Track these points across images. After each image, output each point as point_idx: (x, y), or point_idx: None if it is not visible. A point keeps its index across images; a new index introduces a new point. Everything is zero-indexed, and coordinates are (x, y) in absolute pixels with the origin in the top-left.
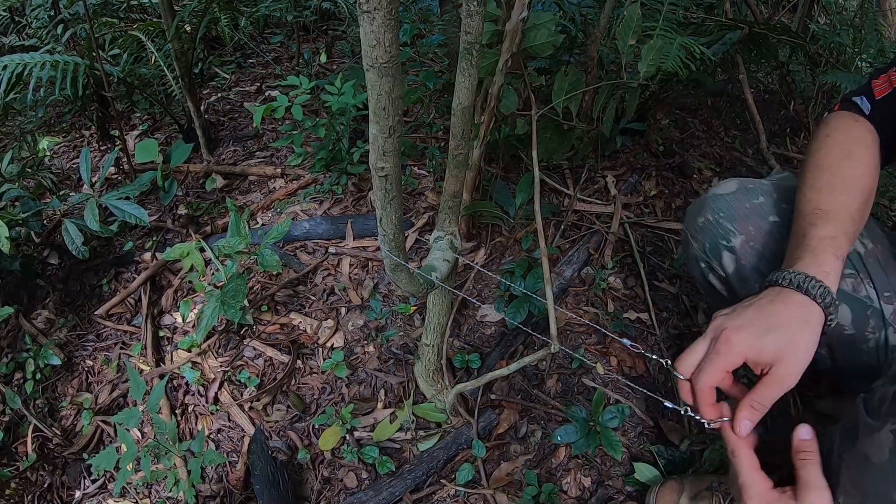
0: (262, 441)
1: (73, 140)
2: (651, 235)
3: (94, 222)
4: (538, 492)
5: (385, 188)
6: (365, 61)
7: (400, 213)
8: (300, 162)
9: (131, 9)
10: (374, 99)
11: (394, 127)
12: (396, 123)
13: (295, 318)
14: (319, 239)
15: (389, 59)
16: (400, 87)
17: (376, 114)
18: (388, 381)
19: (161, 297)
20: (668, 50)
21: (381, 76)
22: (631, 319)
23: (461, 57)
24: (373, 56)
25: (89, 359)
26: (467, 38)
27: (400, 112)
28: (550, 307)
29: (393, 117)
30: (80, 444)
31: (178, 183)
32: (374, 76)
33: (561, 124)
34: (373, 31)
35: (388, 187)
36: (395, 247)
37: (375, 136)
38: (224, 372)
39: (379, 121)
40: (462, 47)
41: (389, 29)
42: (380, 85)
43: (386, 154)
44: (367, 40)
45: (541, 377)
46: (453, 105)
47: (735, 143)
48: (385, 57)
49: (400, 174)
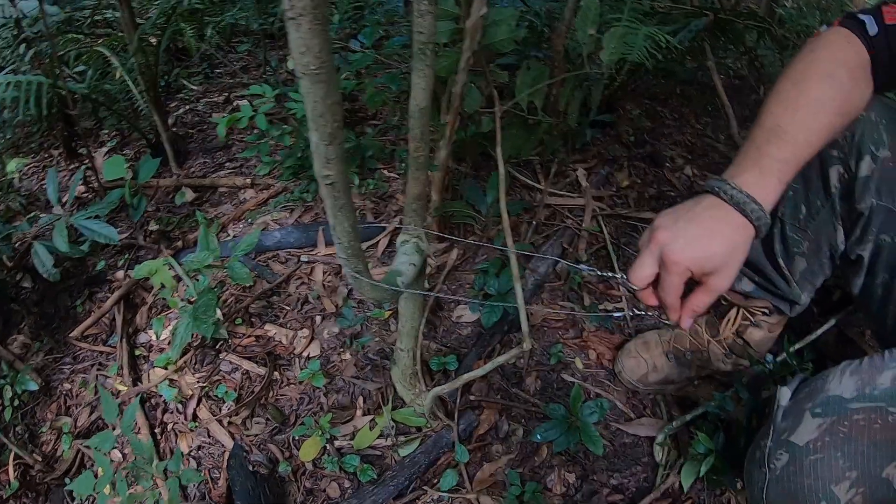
0: (240, 457)
1: (43, 160)
2: (625, 226)
3: (63, 244)
4: (521, 491)
5: (333, 196)
6: (296, 69)
7: (352, 220)
8: (269, 171)
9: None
10: (311, 106)
11: (334, 133)
12: (336, 130)
13: (270, 329)
14: (291, 248)
15: (320, 65)
16: (335, 93)
17: (314, 121)
18: (366, 388)
19: (135, 316)
20: (633, 41)
21: (314, 83)
22: (608, 310)
23: (415, 57)
24: (303, 63)
25: (67, 382)
26: (420, 37)
27: (339, 118)
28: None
29: (332, 124)
30: (61, 470)
31: (148, 198)
32: (308, 83)
33: (526, 120)
34: (300, 38)
35: (336, 195)
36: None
37: (317, 143)
38: (201, 388)
39: (318, 128)
40: (416, 47)
41: (317, 35)
42: (314, 92)
43: (330, 161)
44: (295, 47)
45: (519, 375)
46: (410, 106)
47: (706, 130)
48: (315, 63)
49: (347, 181)
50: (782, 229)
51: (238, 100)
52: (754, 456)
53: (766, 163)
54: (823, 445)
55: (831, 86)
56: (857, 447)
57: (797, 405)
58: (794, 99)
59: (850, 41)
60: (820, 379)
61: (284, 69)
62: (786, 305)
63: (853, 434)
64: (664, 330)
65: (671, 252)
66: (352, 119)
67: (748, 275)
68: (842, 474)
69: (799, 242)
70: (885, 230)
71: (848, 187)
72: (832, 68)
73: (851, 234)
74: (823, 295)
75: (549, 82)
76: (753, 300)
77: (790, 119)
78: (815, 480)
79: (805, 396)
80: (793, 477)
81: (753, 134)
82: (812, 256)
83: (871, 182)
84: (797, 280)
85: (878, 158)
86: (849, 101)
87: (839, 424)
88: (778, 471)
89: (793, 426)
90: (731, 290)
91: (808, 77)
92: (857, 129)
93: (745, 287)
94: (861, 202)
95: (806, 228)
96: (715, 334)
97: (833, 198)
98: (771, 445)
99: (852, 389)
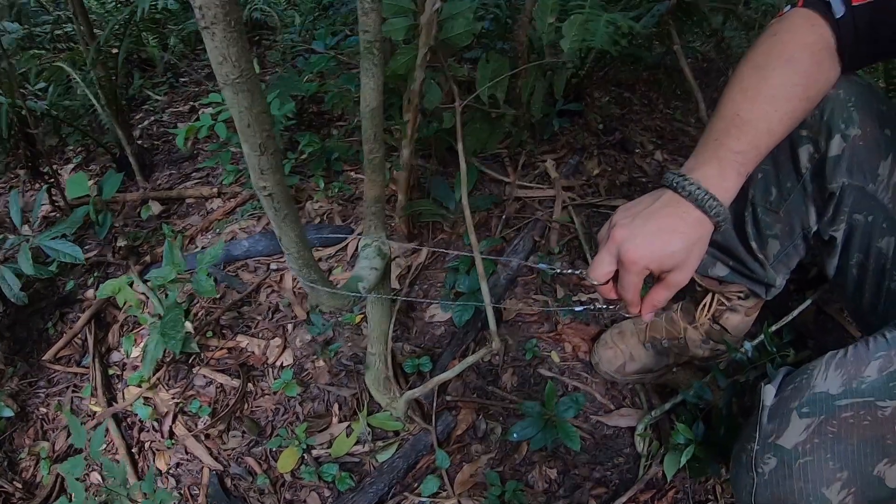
0: (217, 484)
1: (9, 181)
2: (597, 215)
3: (28, 266)
4: (502, 491)
5: (273, 207)
6: (218, 79)
7: (298, 229)
8: (234, 179)
9: (57, 38)
10: (237, 117)
11: (264, 144)
12: (266, 139)
13: (242, 340)
14: (260, 256)
15: (240, 73)
16: (261, 102)
17: (243, 133)
18: (341, 395)
19: (107, 334)
20: (595, 27)
21: (237, 93)
22: (582, 301)
23: (362, 57)
24: (223, 73)
25: (42, 406)
26: (366, 36)
27: (268, 127)
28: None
29: (261, 133)
30: (41, 496)
31: (115, 213)
32: (230, 94)
33: (489, 113)
34: (216, 47)
35: (276, 206)
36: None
37: (248, 154)
38: (176, 404)
39: (247, 139)
40: (362, 46)
41: (233, 43)
42: (238, 102)
43: (265, 172)
44: (213, 57)
45: (495, 372)
46: (361, 107)
47: (675, 115)
48: (235, 73)
49: (286, 191)
50: (754, 212)
51: (203, 108)
52: (740, 459)
53: (726, 155)
54: (812, 448)
55: (794, 71)
56: (846, 447)
57: (783, 404)
58: (754, 86)
59: (815, 23)
60: (805, 374)
61: None
62: (761, 289)
63: (842, 433)
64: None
65: (628, 251)
66: (317, 122)
67: (722, 259)
68: (832, 476)
69: (771, 225)
70: (858, 209)
71: (818, 167)
72: (795, 52)
73: (824, 214)
74: (799, 272)
75: (509, 74)
76: (728, 285)
77: (750, 108)
78: (805, 484)
79: (790, 394)
80: (782, 481)
81: (713, 123)
82: (785, 238)
83: (842, 161)
84: (772, 263)
85: (847, 137)
86: (812, 85)
87: (827, 424)
88: (766, 475)
89: (779, 428)
90: (705, 276)
91: (769, 63)
92: (826, 107)
93: (719, 272)
94: (832, 182)
95: (777, 210)
96: (691, 321)
97: (804, 178)
98: (758, 449)
99: (838, 385)
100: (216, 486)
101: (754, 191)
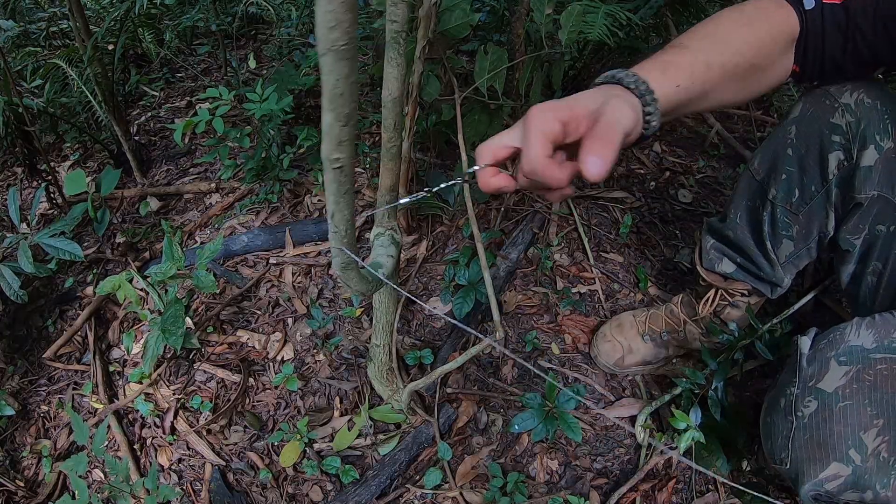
0: (219, 479)
1: (7, 179)
2: (595, 207)
3: (28, 264)
4: (504, 482)
5: (339, 181)
6: (320, 46)
7: (352, 207)
8: (232, 174)
9: (52, 35)
10: (331, 85)
11: (350, 114)
12: (353, 111)
13: (242, 335)
14: (259, 251)
15: (349, 40)
16: (356, 72)
17: (332, 101)
18: (343, 388)
19: (107, 331)
20: (592, 19)
21: (339, 60)
22: (581, 293)
23: (388, 46)
24: (331, 39)
25: (44, 404)
26: (393, 26)
27: (356, 98)
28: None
29: (350, 104)
30: (44, 494)
31: (113, 210)
32: (331, 61)
33: (487, 105)
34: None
35: (342, 179)
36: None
37: (331, 124)
38: (177, 400)
39: (335, 108)
40: (389, 36)
41: (350, 8)
42: (337, 70)
43: (342, 144)
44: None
45: (496, 364)
46: (383, 96)
47: None
48: (345, 38)
49: (353, 165)
50: (773, 212)
51: (200, 103)
52: (778, 404)
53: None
54: (852, 392)
55: (750, 32)
56: (882, 395)
57: (820, 353)
58: (704, 29)
59: (782, 7)
60: (837, 331)
61: (246, 69)
62: (767, 288)
63: (878, 383)
64: (639, 310)
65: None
66: (315, 115)
67: (729, 255)
68: (870, 421)
69: (789, 226)
70: (882, 220)
71: (847, 175)
72: (755, 21)
73: (845, 222)
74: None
75: (507, 65)
76: (733, 282)
77: (695, 39)
78: (844, 427)
79: (826, 346)
80: (822, 424)
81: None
82: (801, 241)
83: (874, 173)
84: (782, 263)
85: (881, 149)
86: (763, 55)
87: (864, 373)
88: (806, 418)
89: (819, 373)
90: (711, 272)
91: (727, 18)
92: (861, 117)
93: (725, 269)
94: (861, 192)
95: (797, 212)
96: (692, 314)
97: (829, 184)
98: (798, 393)
99: (871, 341)
100: (219, 481)
101: (776, 190)
